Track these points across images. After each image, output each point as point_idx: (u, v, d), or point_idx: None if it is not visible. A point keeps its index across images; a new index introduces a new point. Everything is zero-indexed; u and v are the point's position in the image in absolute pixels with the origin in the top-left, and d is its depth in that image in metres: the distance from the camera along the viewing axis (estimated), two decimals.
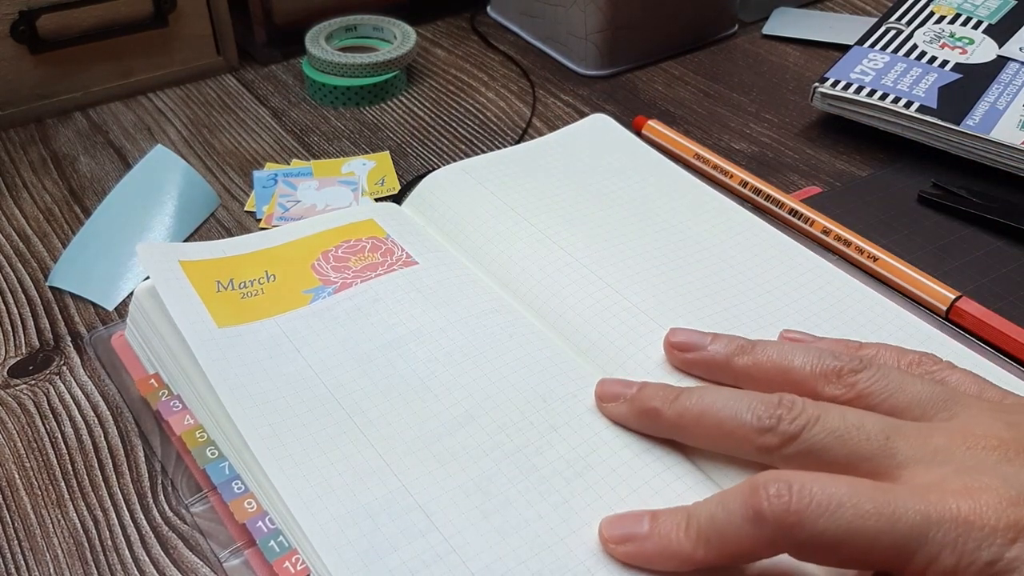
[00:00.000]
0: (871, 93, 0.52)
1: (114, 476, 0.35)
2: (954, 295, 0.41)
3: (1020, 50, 0.56)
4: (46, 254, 0.46)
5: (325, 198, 0.49)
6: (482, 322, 0.38)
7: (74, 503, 0.34)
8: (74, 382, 0.39)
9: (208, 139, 0.55)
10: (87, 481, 0.35)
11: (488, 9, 0.69)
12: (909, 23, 0.59)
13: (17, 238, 0.47)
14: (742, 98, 0.59)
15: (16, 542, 0.33)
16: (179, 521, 0.33)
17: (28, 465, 0.35)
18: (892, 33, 0.58)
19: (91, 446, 0.36)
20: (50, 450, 0.36)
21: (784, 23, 0.67)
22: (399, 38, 0.60)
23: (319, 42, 0.59)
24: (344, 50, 0.60)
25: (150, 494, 0.34)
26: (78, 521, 0.33)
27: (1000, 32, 0.58)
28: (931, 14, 0.59)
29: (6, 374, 0.39)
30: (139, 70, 0.59)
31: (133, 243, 0.44)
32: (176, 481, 0.34)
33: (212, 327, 0.36)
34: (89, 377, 0.39)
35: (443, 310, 0.38)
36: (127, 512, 0.34)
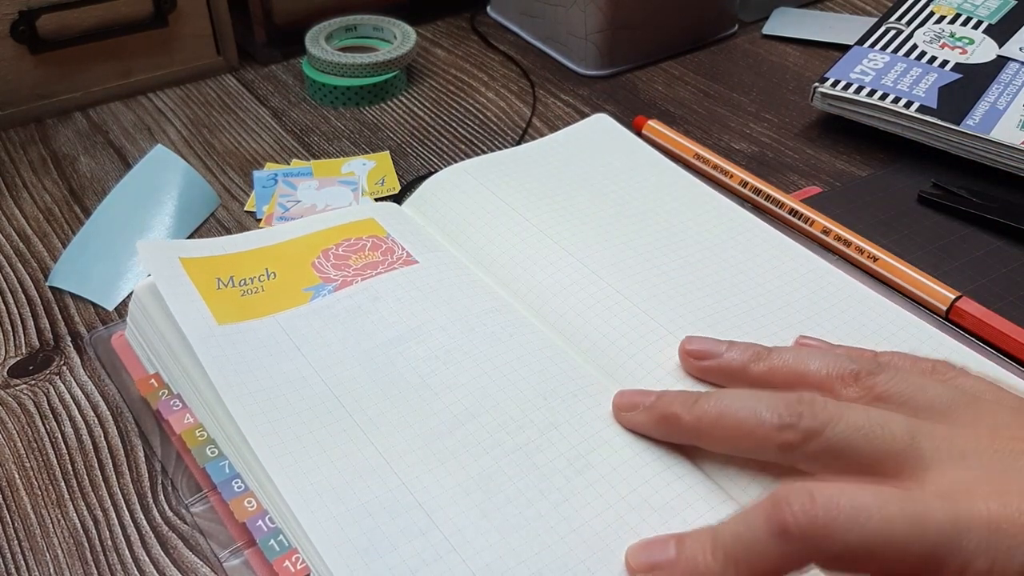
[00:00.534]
0: (871, 93, 0.52)
1: (114, 476, 0.35)
2: (954, 295, 0.41)
3: (1020, 50, 0.56)
4: (46, 254, 0.46)
5: (325, 198, 0.49)
6: (482, 321, 0.38)
7: (74, 503, 0.34)
8: (74, 382, 0.39)
9: (208, 139, 0.55)
10: (87, 481, 0.35)
11: (488, 9, 0.69)
12: (909, 23, 0.59)
13: (17, 238, 0.47)
14: (742, 98, 0.59)
15: (16, 542, 0.33)
16: (179, 521, 0.33)
17: (28, 465, 0.35)
18: (892, 33, 0.58)
19: (91, 446, 0.36)
20: (50, 450, 0.36)
21: (784, 23, 0.67)
22: (399, 38, 0.60)
23: (319, 42, 0.59)
24: (344, 50, 0.60)
25: (150, 494, 0.34)
26: (78, 521, 0.33)
27: (1000, 32, 0.58)
28: (931, 14, 0.59)
29: (6, 374, 0.39)
30: (139, 70, 0.59)
31: (133, 243, 0.44)
32: (176, 481, 0.34)
33: (212, 324, 0.36)
34: (89, 377, 0.39)
35: (443, 309, 0.38)
36: (127, 512, 0.34)
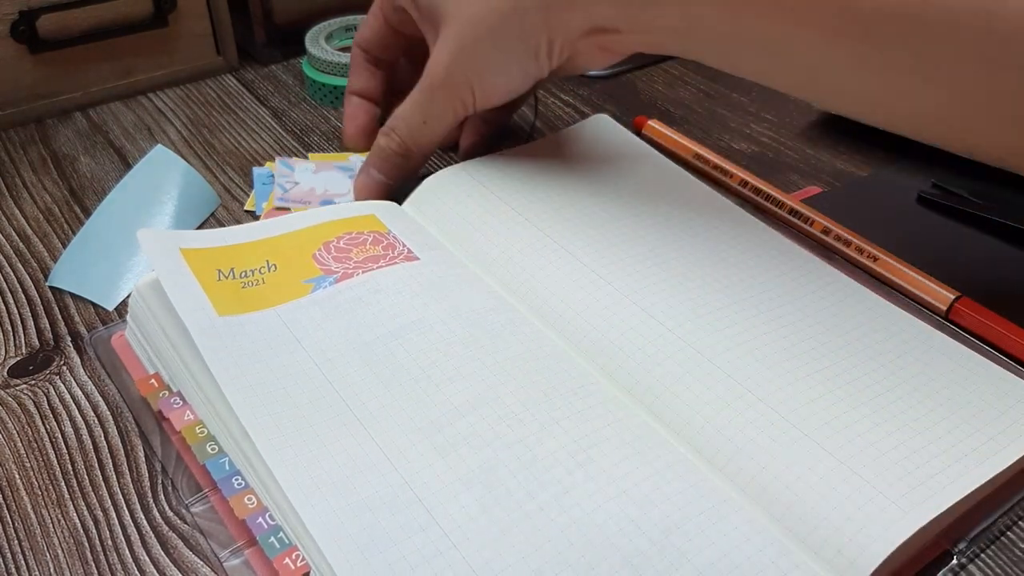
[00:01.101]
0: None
1: (114, 476, 0.35)
2: (954, 295, 0.41)
3: None
4: (46, 254, 0.46)
5: (323, 182, 0.49)
6: (483, 318, 0.38)
7: (74, 503, 0.34)
8: (74, 382, 0.39)
9: (208, 139, 0.55)
10: (87, 481, 0.35)
11: None
12: None
13: (17, 238, 0.47)
14: (742, 98, 0.59)
15: (16, 542, 0.33)
16: (179, 521, 0.33)
17: (28, 465, 0.35)
18: None
19: (91, 446, 0.36)
20: (50, 450, 0.36)
21: None
22: None
23: (319, 42, 0.59)
24: (344, 50, 0.60)
25: (150, 494, 0.34)
26: (78, 521, 0.33)
27: None
28: None
29: (6, 374, 0.39)
30: (139, 70, 0.59)
31: (132, 244, 0.44)
32: (176, 481, 0.34)
33: (213, 315, 0.36)
34: (89, 377, 0.39)
35: (444, 304, 0.38)
36: (127, 512, 0.34)
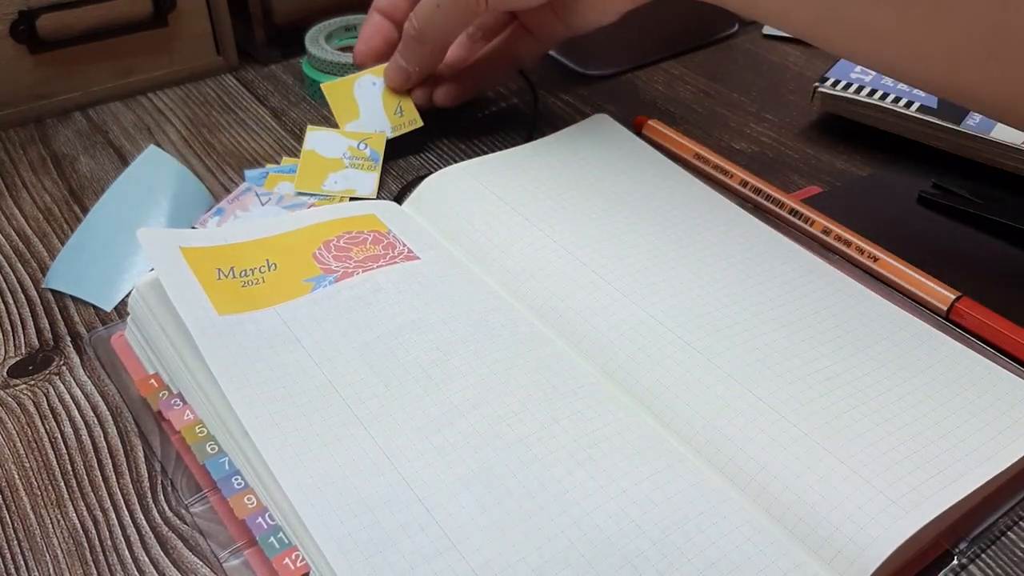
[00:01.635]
0: (871, 93, 0.52)
1: (114, 476, 0.35)
2: (954, 295, 0.41)
3: None
4: (46, 254, 0.46)
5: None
6: (484, 317, 0.38)
7: (74, 503, 0.34)
8: (74, 382, 0.39)
9: (208, 139, 0.55)
10: (87, 481, 0.35)
11: None
12: None
13: (17, 238, 0.47)
14: (742, 98, 0.59)
15: (16, 542, 0.33)
16: (179, 521, 0.33)
17: (28, 465, 0.35)
18: None
19: (91, 446, 0.36)
20: (50, 450, 0.36)
21: None
22: None
23: (319, 42, 0.59)
24: (344, 50, 0.60)
25: (150, 494, 0.34)
26: (78, 521, 0.33)
27: None
28: None
29: (6, 374, 0.39)
30: (139, 70, 0.59)
31: (129, 244, 0.44)
32: (176, 481, 0.34)
33: (213, 314, 0.36)
34: (89, 377, 0.39)
35: (444, 303, 0.38)
36: (127, 512, 0.34)
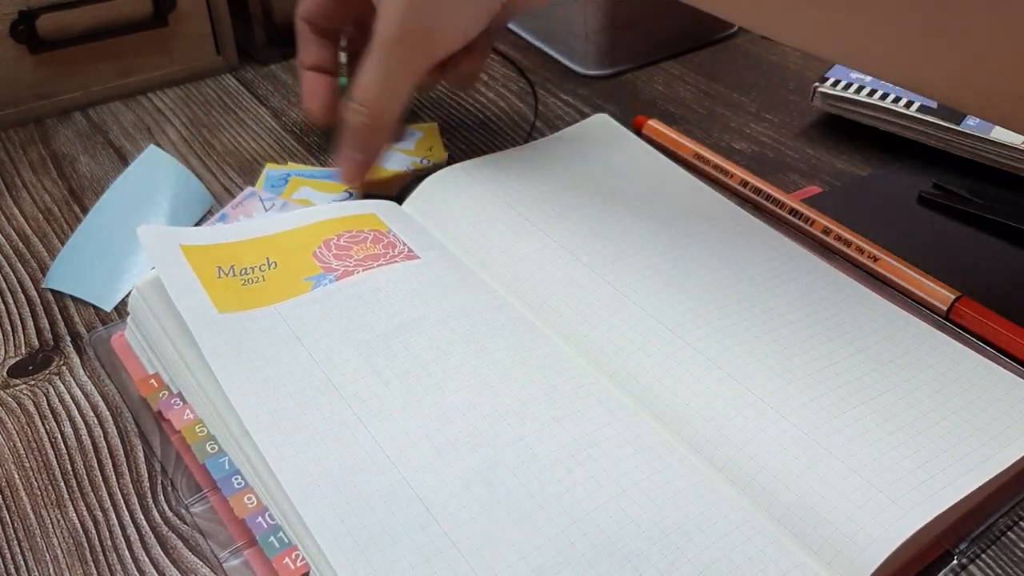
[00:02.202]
0: (871, 93, 0.52)
1: (114, 476, 0.35)
2: (954, 295, 0.41)
3: None
4: (46, 254, 0.46)
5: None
6: (484, 317, 0.38)
7: (74, 503, 0.34)
8: (74, 382, 0.39)
9: (208, 139, 0.55)
10: (87, 481, 0.35)
11: None
12: None
13: (17, 238, 0.47)
14: (742, 98, 0.59)
15: (16, 542, 0.33)
16: (179, 521, 0.33)
17: (28, 465, 0.35)
18: None
19: (91, 446, 0.36)
20: (50, 450, 0.36)
21: None
22: None
23: None
24: (344, 50, 0.59)
25: (150, 494, 0.34)
26: (78, 521, 0.33)
27: None
28: None
29: (6, 374, 0.39)
30: (139, 70, 0.59)
31: (129, 244, 0.44)
32: (176, 481, 0.34)
33: (213, 313, 0.36)
34: (89, 377, 0.39)
35: (445, 303, 0.38)
36: (127, 512, 0.33)
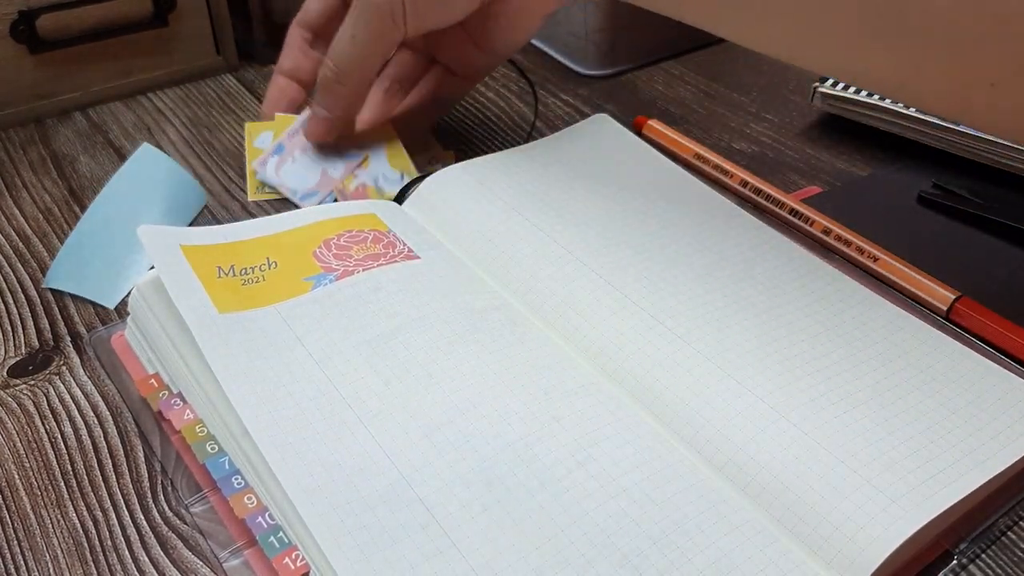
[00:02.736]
0: (871, 93, 0.52)
1: (114, 476, 0.35)
2: (954, 295, 0.41)
3: None
4: (46, 254, 0.46)
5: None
6: (484, 317, 0.38)
7: (74, 503, 0.34)
8: (74, 382, 0.39)
9: (208, 139, 0.55)
10: (87, 481, 0.35)
11: None
12: None
13: (17, 238, 0.47)
14: (742, 98, 0.59)
15: (16, 542, 0.33)
16: (179, 521, 0.33)
17: (28, 465, 0.35)
18: None
19: (91, 446, 0.36)
20: (50, 450, 0.36)
21: None
22: None
23: None
24: None
25: (150, 494, 0.34)
26: (78, 521, 0.33)
27: None
28: None
29: (6, 374, 0.39)
30: (139, 70, 0.59)
31: (128, 241, 0.44)
32: (176, 481, 0.34)
33: (213, 312, 0.36)
34: (89, 377, 0.39)
35: (445, 302, 0.38)
36: (127, 512, 0.34)
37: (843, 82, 0.39)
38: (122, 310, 0.42)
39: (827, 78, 0.54)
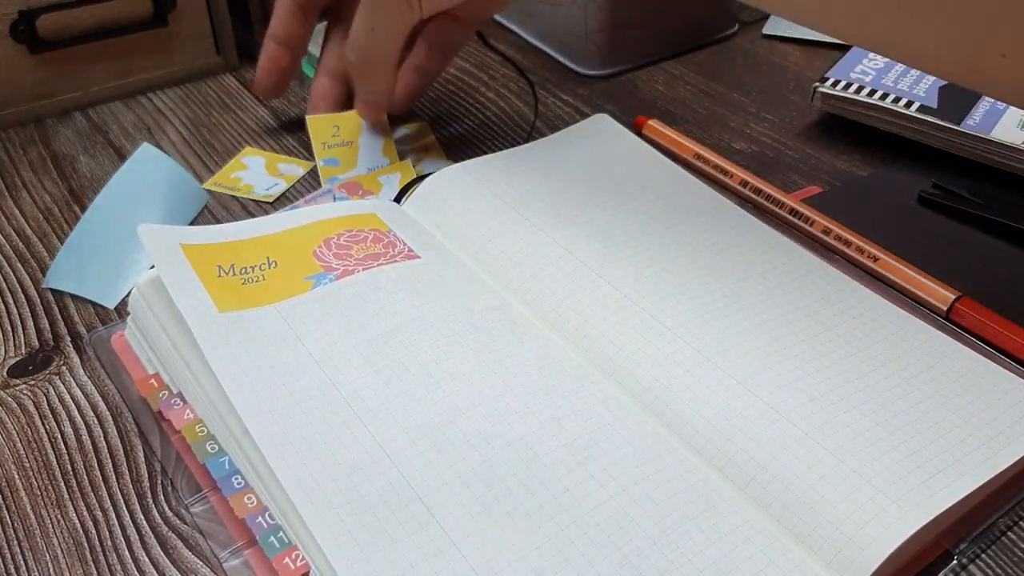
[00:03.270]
0: (871, 93, 0.52)
1: (114, 476, 0.35)
2: (954, 295, 0.41)
3: None
4: (46, 254, 0.46)
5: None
6: (484, 317, 0.38)
7: (74, 503, 0.34)
8: (74, 382, 0.39)
9: (208, 139, 0.55)
10: (87, 481, 0.35)
11: None
12: None
13: (17, 238, 0.47)
14: (742, 98, 0.59)
15: (16, 542, 0.33)
16: (179, 521, 0.33)
17: (28, 465, 0.35)
18: None
19: (91, 446, 0.36)
20: (50, 450, 0.36)
21: (785, 23, 0.67)
22: None
23: (318, 42, 0.59)
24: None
25: (150, 494, 0.34)
26: (78, 521, 0.33)
27: None
28: None
29: (6, 374, 0.39)
30: (139, 70, 0.59)
31: (128, 242, 0.44)
32: (176, 481, 0.34)
33: (213, 312, 0.36)
34: (89, 377, 0.39)
35: (445, 302, 0.38)
36: (127, 512, 0.34)
37: (868, 50, 0.40)
38: (122, 310, 0.42)
39: (827, 78, 0.54)
